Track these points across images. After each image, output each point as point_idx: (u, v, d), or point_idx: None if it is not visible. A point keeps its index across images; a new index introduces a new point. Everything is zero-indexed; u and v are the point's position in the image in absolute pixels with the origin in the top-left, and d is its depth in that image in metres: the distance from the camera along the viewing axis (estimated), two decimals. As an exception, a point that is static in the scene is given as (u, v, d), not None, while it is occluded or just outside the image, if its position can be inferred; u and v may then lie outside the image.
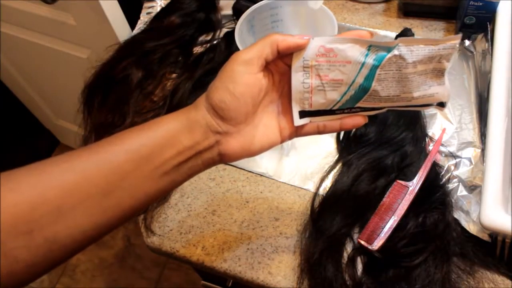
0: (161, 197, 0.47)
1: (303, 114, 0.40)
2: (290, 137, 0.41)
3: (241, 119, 0.37)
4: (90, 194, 0.32)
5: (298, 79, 0.38)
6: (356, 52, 0.37)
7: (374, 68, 0.37)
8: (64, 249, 0.31)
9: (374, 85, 0.38)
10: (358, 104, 0.40)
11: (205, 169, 0.38)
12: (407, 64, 0.37)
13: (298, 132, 0.41)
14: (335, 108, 0.40)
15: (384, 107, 0.41)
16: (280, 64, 0.39)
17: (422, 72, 0.38)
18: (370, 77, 0.38)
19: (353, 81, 0.38)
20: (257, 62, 0.36)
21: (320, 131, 0.41)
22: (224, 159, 0.38)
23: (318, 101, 0.39)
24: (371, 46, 0.37)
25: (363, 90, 0.38)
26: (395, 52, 0.36)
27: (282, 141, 0.40)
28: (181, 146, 0.35)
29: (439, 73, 0.39)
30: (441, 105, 0.41)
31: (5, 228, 0.29)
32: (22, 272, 0.30)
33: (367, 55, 0.37)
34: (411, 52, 0.37)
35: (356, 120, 0.40)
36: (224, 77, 0.37)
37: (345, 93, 0.39)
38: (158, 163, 0.35)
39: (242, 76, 0.36)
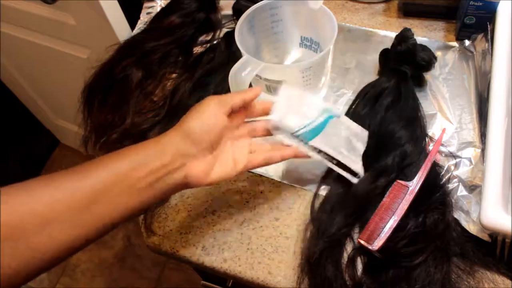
0: (141, 212, 0.55)
1: None
2: (243, 170, 0.49)
3: (207, 145, 0.45)
4: (71, 208, 0.36)
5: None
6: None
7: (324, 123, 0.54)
8: (46, 258, 0.35)
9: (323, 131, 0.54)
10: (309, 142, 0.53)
11: (173, 192, 0.45)
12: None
13: (249, 165, 0.49)
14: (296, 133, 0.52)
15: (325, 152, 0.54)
16: (241, 115, 0.50)
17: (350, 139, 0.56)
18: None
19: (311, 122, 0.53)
20: (225, 105, 0.46)
21: (266, 163, 0.50)
22: (189, 183, 0.44)
23: None
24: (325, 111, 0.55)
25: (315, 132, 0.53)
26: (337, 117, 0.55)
27: (236, 174, 0.48)
28: (153, 166, 0.41)
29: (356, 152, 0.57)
30: (355, 174, 0.56)
31: None
32: (6, 277, 0.32)
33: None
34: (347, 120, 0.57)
35: (292, 149, 0.52)
36: (199, 109, 0.46)
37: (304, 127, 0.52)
38: (133, 180, 0.40)
39: (213, 111, 0.46)
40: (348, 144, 0.57)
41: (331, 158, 0.55)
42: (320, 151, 0.55)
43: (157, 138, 0.44)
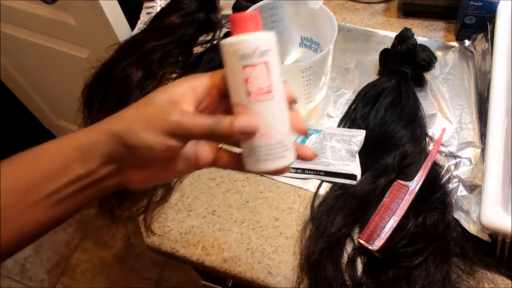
0: (59, 224, 0.40)
1: None
2: (204, 167, 0.37)
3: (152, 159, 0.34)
4: None
5: None
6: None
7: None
8: None
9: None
10: None
11: (105, 194, 0.35)
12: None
13: (218, 164, 0.38)
14: None
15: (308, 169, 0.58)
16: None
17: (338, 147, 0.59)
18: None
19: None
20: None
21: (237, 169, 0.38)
22: (128, 187, 0.35)
23: None
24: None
25: None
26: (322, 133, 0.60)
27: (194, 171, 0.38)
28: (74, 175, 0.32)
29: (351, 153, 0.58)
30: (353, 178, 0.57)
31: None
32: None
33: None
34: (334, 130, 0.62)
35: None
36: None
37: None
38: (48, 192, 0.32)
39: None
40: (335, 152, 0.58)
41: (317, 172, 0.56)
42: (303, 170, 0.56)
43: (77, 136, 0.33)
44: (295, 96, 0.35)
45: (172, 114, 0.31)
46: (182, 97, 0.33)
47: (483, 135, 0.60)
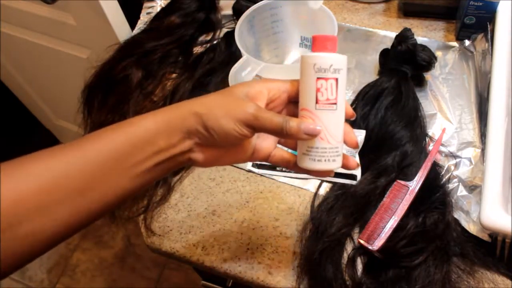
0: (137, 193, 0.47)
1: None
2: (260, 160, 0.43)
3: (223, 145, 0.39)
4: (71, 191, 0.33)
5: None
6: None
7: None
8: (44, 242, 0.33)
9: None
10: None
11: (175, 169, 0.39)
12: None
13: (271, 160, 0.42)
14: None
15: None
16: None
17: None
18: None
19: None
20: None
21: (285, 165, 0.43)
22: (193, 164, 0.40)
23: None
24: None
25: None
26: None
27: (249, 161, 0.42)
28: (158, 147, 0.36)
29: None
30: (353, 178, 0.56)
31: None
32: (4, 263, 0.31)
33: None
34: None
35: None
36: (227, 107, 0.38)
37: None
38: (136, 161, 0.36)
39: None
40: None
41: None
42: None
43: (166, 113, 0.38)
44: (353, 113, 0.41)
45: (249, 107, 0.36)
46: (258, 94, 0.38)
47: (483, 135, 0.60)
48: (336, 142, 0.38)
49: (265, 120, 0.36)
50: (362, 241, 0.52)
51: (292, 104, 0.40)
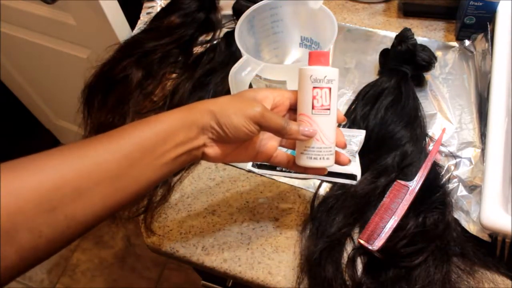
0: (157, 184, 0.54)
1: None
2: (264, 160, 0.48)
3: (234, 142, 0.43)
4: (103, 178, 0.36)
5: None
6: None
7: None
8: (80, 226, 0.35)
9: None
10: None
11: (189, 163, 0.46)
12: None
13: (274, 161, 0.48)
14: None
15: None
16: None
17: None
18: None
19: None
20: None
21: (289, 167, 0.48)
22: (204, 158, 0.44)
23: None
24: None
25: None
26: None
27: (254, 161, 0.48)
28: (178, 140, 0.40)
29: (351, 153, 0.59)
30: (353, 178, 0.57)
31: (32, 205, 0.32)
32: (44, 247, 0.33)
33: None
34: None
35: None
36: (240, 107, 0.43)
37: None
38: (159, 153, 0.39)
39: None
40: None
41: None
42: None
43: (186, 110, 0.42)
44: (344, 117, 0.48)
45: (258, 106, 0.41)
46: (264, 98, 0.44)
47: (483, 135, 0.60)
48: (329, 143, 0.44)
49: (270, 119, 0.42)
50: (362, 241, 0.52)
51: (293, 111, 0.46)
